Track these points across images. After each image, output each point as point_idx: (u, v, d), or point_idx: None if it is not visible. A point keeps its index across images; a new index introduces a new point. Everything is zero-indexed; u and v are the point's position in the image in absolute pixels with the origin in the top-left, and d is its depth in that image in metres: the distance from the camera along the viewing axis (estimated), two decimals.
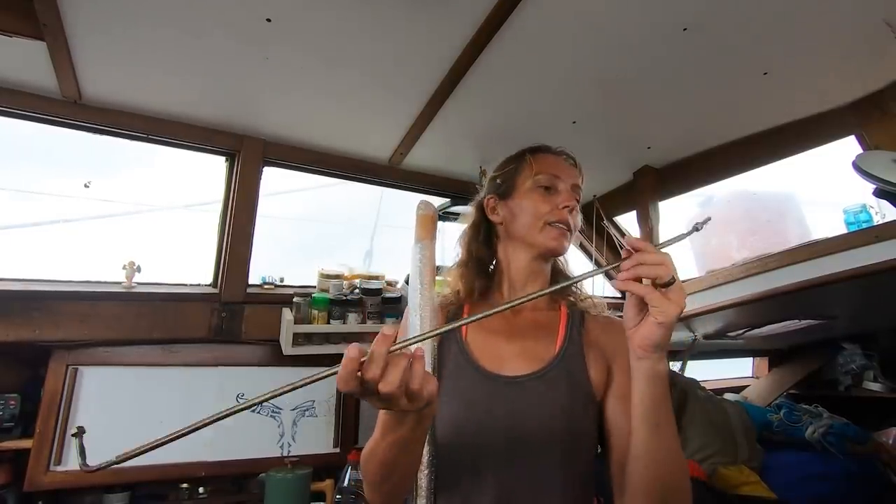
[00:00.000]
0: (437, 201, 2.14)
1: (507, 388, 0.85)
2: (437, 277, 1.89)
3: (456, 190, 2.06)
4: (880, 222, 1.79)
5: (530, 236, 0.95)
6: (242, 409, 0.51)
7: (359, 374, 0.52)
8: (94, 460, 0.49)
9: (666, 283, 0.64)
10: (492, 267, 1.04)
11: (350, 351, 0.52)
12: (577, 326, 0.95)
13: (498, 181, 1.04)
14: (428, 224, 0.95)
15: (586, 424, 0.85)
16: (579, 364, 0.88)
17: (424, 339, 0.58)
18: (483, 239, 1.04)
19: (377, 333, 0.54)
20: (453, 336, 0.93)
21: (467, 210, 1.11)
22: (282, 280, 1.90)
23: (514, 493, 0.79)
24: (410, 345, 0.56)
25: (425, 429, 0.69)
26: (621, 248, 0.67)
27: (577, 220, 0.97)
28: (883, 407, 2.64)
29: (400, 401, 0.54)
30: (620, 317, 0.72)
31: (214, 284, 1.75)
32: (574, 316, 0.97)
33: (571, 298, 1.01)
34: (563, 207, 0.93)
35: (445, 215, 2.12)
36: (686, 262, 2.48)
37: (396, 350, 0.53)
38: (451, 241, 1.12)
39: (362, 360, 0.52)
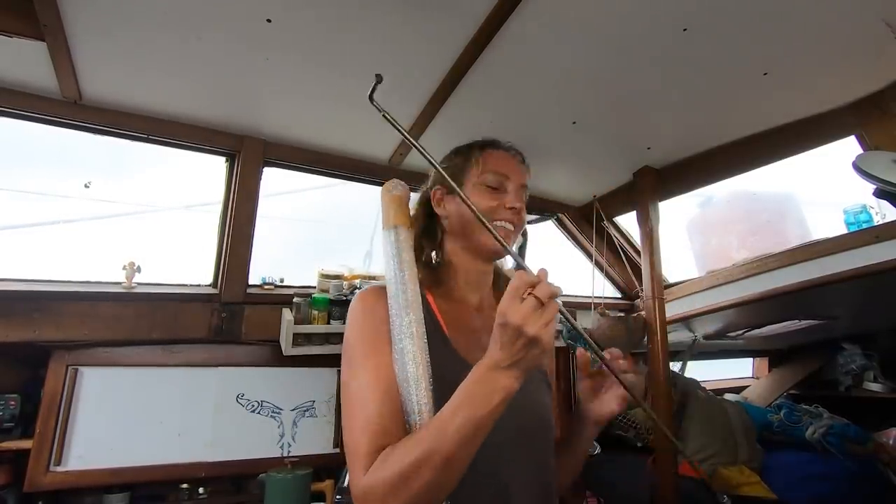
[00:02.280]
0: None
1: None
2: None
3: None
4: (880, 222, 1.79)
5: (474, 235, 0.92)
6: None
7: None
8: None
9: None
10: (437, 259, 0.99)
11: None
12: None
13: (448, 172, 0.97)
14: (400, 206, 0.89)
15: (550, 412, 0.94)
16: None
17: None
18: (424, 230, 0.99)
19: None
20: (437, 334, 0.86)
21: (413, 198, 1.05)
22: (282, 280, 1.90)
23: (515, 487, 0.80)
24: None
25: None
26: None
27: (523, 220, 0.97)
28: (883, 407, 2.64)
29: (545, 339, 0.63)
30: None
31: (214, 285, 1.75)
32: None
33: None
34: (509, 208, 0.92)
35: None
36: (686, 263, 2.48)
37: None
38: None
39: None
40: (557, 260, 2.55)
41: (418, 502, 0.63)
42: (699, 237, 2.45)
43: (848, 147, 1.58)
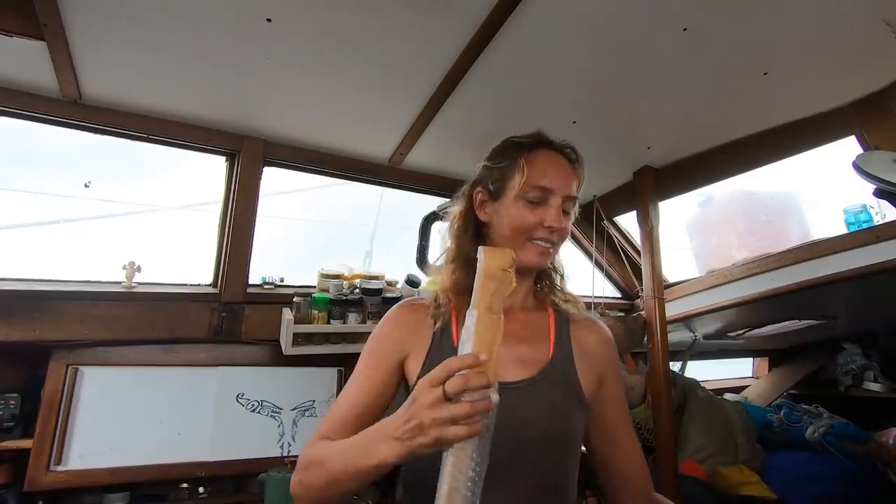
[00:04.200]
0: (438, 201, 2.14)
1: (507, 396, 0.81)
2: (429, 278, 1.81)
3: (457, 190, 2.06)
4: (880, 222, 1.79)
5: (511, 248, 0.88)
6: None
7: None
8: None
9: None
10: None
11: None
12: (565, 330, 0.94)
13: (488, 174, 0.97)
14: (495, 283, 0.69)
15: (578, 428, 0.87)
16: (570, 369, 0.89)
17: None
18: (472, 234, 0.97)
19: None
20: (446, 343, 0.90)
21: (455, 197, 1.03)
22: (282, 280, 1.90)
23: (515, 499, 0.78)
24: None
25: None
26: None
27: (567, 232, 0.92)
28: (883, 407, 2.64)
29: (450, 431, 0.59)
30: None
31: (214, 284, 1.75)
32: (560, 319, 0.96)
33: (555, 299, 0.98)
34: (548, 227, 0.88)
35: (446, 215, 2.11)
36: (686, 262, 2.48)
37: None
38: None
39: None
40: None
41: (310, 491, 0.77)
42: (699, 237, 2.45)
43: (848, 147, 1.58)
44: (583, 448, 0.91)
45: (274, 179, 1.85)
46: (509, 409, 0.65)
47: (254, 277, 1.80)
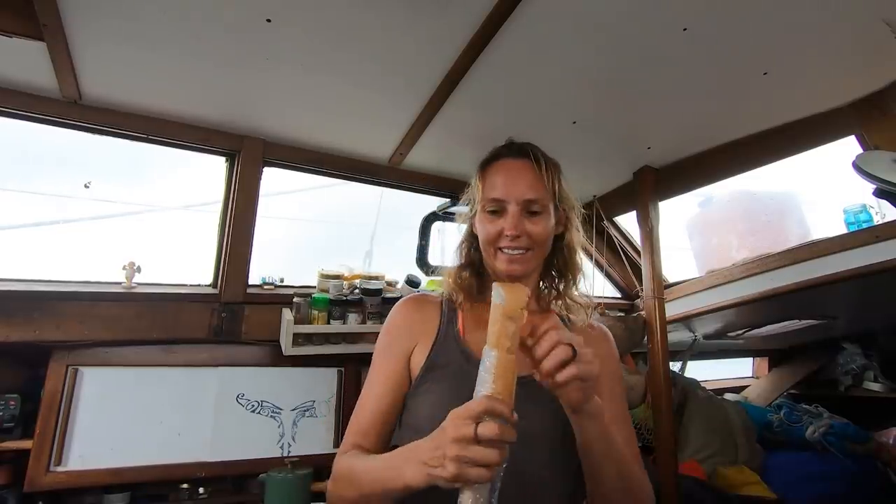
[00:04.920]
0: (438, 201, 2.14)
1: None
2: (436, 277, 1.85)
3: (456, 190, 2.06)
4: (880, 222, 1.79)
5: (488, 259, 0.96)
6: None
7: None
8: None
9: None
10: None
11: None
12: None
13: (468, 196, 1.04)
14: (520, 317, 0.69)
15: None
16: None
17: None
18: (474, 243, 1.03)
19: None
20: (451, 335, 0.94)
21: (463, 210, 1.08)
22: (282, 280, 1.89)
23: (513, 493, 0.78)
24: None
25: None
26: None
27: (540, 232, 0.92)
28: (883, 407, 2.64)
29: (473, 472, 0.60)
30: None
31: (214, 285, 1.75)
32: (563, 323, 0.99)
33: (561, 305, 1.01)
34: (507, 234, 0.90)
35: (446, 215, 2.12)
36: (686, 262, 2.48)
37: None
38: (451, 240, 1.12)
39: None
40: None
41: (343, 502, 0.82)
42: (699, 237, 2.45)
43: (848, 147, 1.58)
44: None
45: (274, 179, 1.85)
46: (515, 401, 0.66)
47: (254, 278, 1.80)
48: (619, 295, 2.70)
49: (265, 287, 1.84)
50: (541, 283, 1.03)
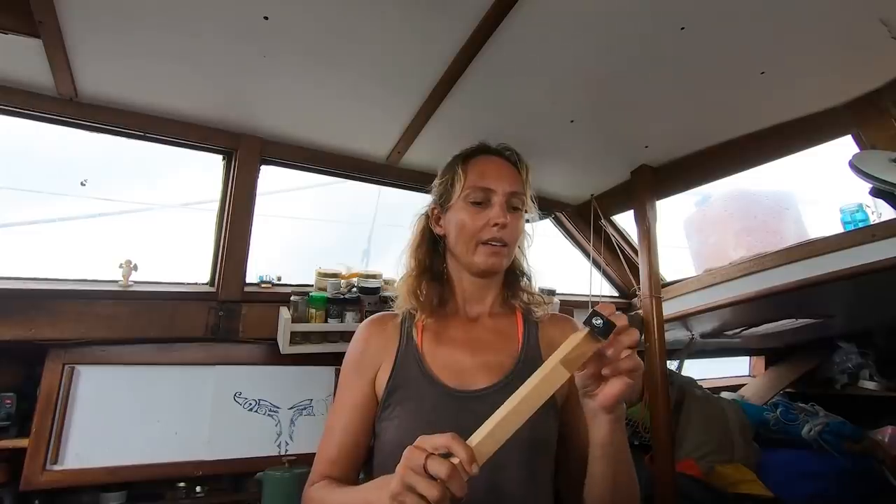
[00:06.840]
0: None
1: (473, 404, 0.83)
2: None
3: None
4: (877, 221, 1.79)
5: (465, 255, 0.93)
6: None
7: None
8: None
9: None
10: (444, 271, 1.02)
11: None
12: (533, 331, 0.95)
13: (438, 190, 1.00)
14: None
15: (548, 432, 0.86)
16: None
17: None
18: (430, 248, 1.01)
19: None
20: (410, 352, 0.92)
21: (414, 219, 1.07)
22: (279, 279, 1.89)
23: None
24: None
25: None
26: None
27: (517, 229, 0.93)
28: (878, 405, 2.65)
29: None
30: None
31: (212, 283, 1.74)
32: (529, 320, 0.97)
33: (525, 300, 1.00)
34: (494, 225, 0.89)
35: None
36: (683, 262, 2.49)
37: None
38: None
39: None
40: (555, 258, 2.56)
41: None
42: (696, 236, 2.45)
43: (844, 146, 1.58)
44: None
45: (271, 178, 1.85)
46: (477, 416, 0.64)
47: (251, 276, 1.79)
48: (616, 294, 2.71)
49: (262, 285, 1.84)
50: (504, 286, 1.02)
